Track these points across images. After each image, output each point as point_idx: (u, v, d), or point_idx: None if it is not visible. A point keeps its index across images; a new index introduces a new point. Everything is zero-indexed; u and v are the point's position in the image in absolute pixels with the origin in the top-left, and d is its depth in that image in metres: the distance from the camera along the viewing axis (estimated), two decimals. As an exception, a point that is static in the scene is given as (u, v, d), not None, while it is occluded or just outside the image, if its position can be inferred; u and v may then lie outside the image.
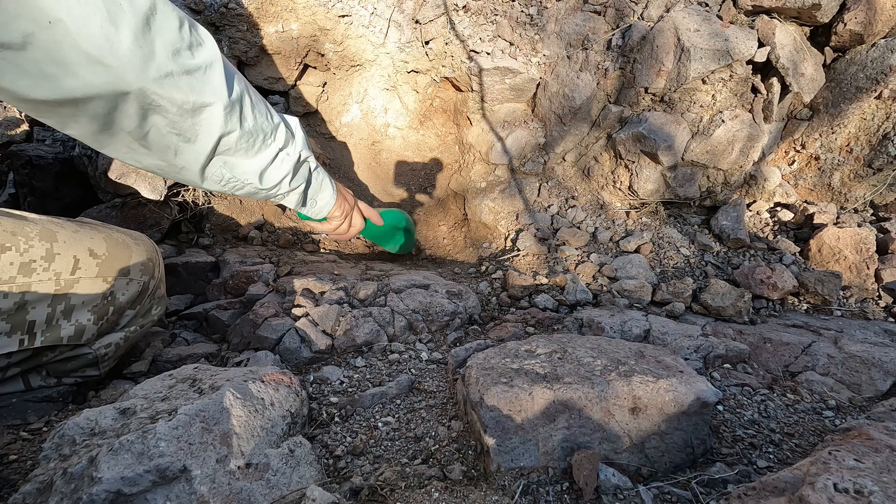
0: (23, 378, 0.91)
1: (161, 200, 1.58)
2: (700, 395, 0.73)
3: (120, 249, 0.97)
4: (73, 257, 0.88)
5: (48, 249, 0.85)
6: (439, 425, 0.84)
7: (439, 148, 2.14)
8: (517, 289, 1.42)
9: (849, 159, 1.80)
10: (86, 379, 0.97)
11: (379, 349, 1.13)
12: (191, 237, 1.71)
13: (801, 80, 1.67)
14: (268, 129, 0.80)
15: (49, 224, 0.89)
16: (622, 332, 1.16)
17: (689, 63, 1.58)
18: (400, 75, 2.04)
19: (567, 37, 1.79)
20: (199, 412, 0.67)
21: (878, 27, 1.64)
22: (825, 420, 0.88)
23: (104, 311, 0.94)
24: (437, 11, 1.83)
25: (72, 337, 0.89)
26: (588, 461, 0.67)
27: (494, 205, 1.87)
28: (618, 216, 1.77)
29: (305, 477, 0.68)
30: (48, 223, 0.89)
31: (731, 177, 1.76)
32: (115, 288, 0.95)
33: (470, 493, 0.66)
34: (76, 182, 1.72)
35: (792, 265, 1.52)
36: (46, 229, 0.87)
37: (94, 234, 0.94)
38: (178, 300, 1.42)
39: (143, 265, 1.01)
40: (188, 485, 0.60)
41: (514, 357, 0.84)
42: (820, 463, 0.57)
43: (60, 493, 0.58)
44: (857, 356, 1.04)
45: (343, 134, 2.15)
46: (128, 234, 1.03)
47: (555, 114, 1.84)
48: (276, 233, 1.82)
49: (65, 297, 0.87)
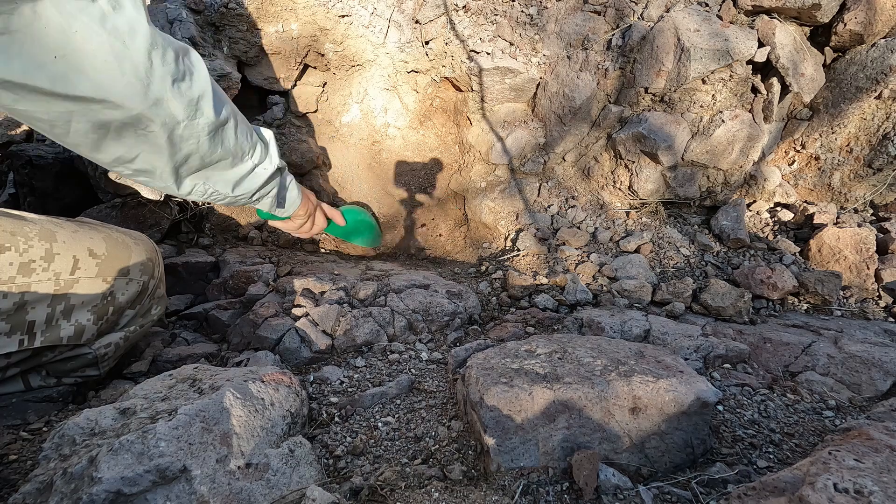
0: (22, 378, 0.91)
1: (161, 200, 1.58)
2: (700, 395, 0.74)
3: (119, 249, 0.97)
4: (73, 257, 0.89)
5: (48, 249, 0.85)
6: (439, 425, 0.84)
7: (439, 148, 2.14)
8: (517, 289, 1.42)
9: (849, 159, 1.80)
10: (86, 379, 0.97)
11: (379, 349, 1.13)
12: (191, 237, 1.71)
13: (801, 80, 1.67)
14: (247, 147, 0.86)
15: (48, 224, 0.89)
16: (622, 332, 1.16)
17: (689, 63, 1.58)
18: (400, 75, 2.04)
19: (567, 37, 1.79)
20: (199, 412, 0.67)
21: (878, 27, 1.64)
22: (825, 420, 0.88)
23: (104, 311, 0.94)
24: (437, 11, 1.83)
25: (71, 337, 0.89)
26: (588, 461, 0.67)
27: (494, 205, 1.87)
28: (618, 216, 1.77)
29: (305, 477, 0.68)
30: (47, 223, 0.89)
31: (731, 177, 1.76)
32: (114, 288, 0.95)
33: (470, 493, 0.66)
34: (76, 182, 1.72)
35: (792, 265, 1.52)
36: (46, 229, 0.87)
37: (94, 234, 0.94)
38: (178, 300, 1.42)
39: (142, 265, 1.01)
40: (188, 485, 0.60)
41: (514, 357, 0.84)
42: (820, 463, 0.57)
43: (60, 493, 0.58)
44: (857, 356, 1.04)
45: (343, 134, 2.15)
46: (127, 233, 1.03)
47: (555, 114, 1.84)
48: (275, 233, 1.82)
49: (64, 297, 0.87)
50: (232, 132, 0.81)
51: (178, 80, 0.69)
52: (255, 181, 0.91)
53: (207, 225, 1.74)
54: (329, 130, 2.14)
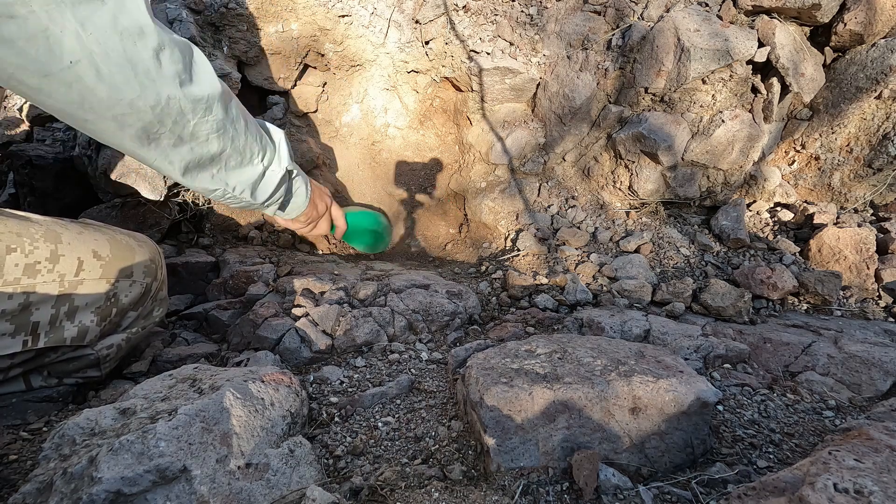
0: (24, 378, 0.91)
1: (161, 200, 1.58)
2: (700, 395, 0.74)
3: (123, 251, 0.97)
4: (78, 259, 0.89)
5: (53, 251, 0.85)
6: (439, 425, 0.84)
7: (439, 148, 2.14)
8: (517, 289, 1.42)
9: (849, 159, 1.80)
10: (87, 380, 0.97)
11: (379, 349, 1.13)
12: (191, 237, 1.70)
13: (801, 80, 1.67)
14: (256, 148, 0.86)
15: (54, 225, 0.89)
16: (622, 332, 1.16)
17: (689, 63, 1.58)
18: (400, 75, 2.04)
19: (567, 37, 1.79)
20: (199, 412, 0.67)
21: (878, 27, 1.64)
22: (825, 420, 0.88)
23: (107, 313, 0.94)
24: (437, 11, 1.83)
25: (75, 338, 0.89)
26: (588, 461, 0.67)
27: (494, 205, 1.87)
28: (618, 216, 1.77)
29: (305, 477, 0.68)
30: (53, 224, 0.89)
31: (731, 177, 1.76)
32: (118, 289, 0.95)
33: (470, 493, 0.66)
34: (76, 182, 1.72)
35: (792, 265, 1.52)
36: (51, 231, 0.87)
37: (98, 236, 0.94)
38: (178, 300, 1.42)
39: (145, 267, 1.01)
40: (188, 485, 0.60)
41: (514, 357, 0.84)
42: (820, 463, 0.57)
43: (60, 493, 0.58)
44: (857, 356, 1.04)
45: (343, 134, 2.15)
46: (131, 235, 1.03)
47: (555, 114, 1.84)
48: (276, 233, 1.82)
49: (68, 299, 0.87)
50: (242, 130, 0.81)
51: (186, 80, 0.69)
52: (268, 185, 0.91)
53: (207, 225, 1.74)
54: (329, 130, 2.14)
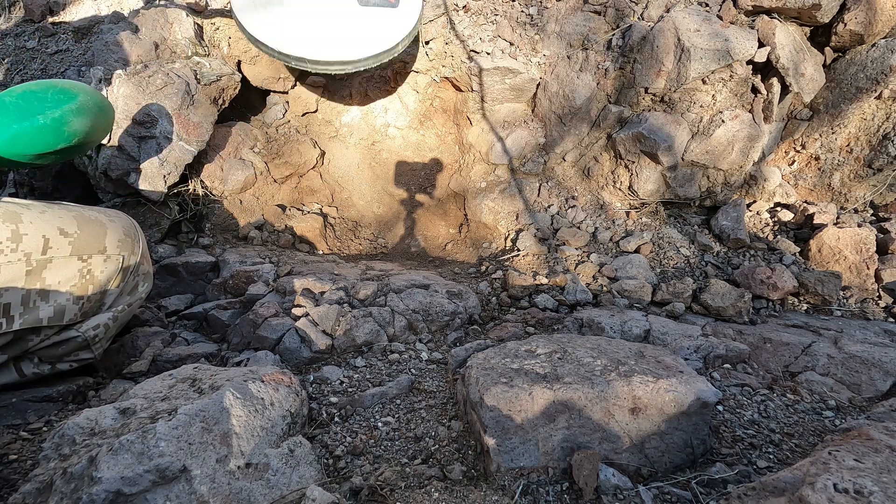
0: (15, 367, 0.90)
1: (161, 201, 1.58)
2: (700, 395, 0.73)
3: (93, 226, 0.95)
4: (43, 237, 0.87)
5: (14, 231, 0.84)
6: (439, 425, 0.84)
7: (439, 148, 2.14)
8: (517, 289, 1.42)
9: (849, 159, 1.80)
10: (80, 363, 0.96)
11: (379, 349, 1.13)
12: (191, 237, 1.70)
13: (801, 80, 1.67)
14: None
15: (12, 206, 0.87)
16: (622, 332, 1.16)
17: (690, 63, 1.58)
18: (400, 75, 2.04)
19: (567, 37, 1.79)
20: (199, 412, 0.67)
21: (878, 27, 1.64)
22: (825, 420, 0.88)
23: (83, 290, 0.92)
24: (437, 11, 1.83)
25: (52, 318, 0.88)
26: (588, 461, 0.67)
27: (494, 205, 1.87)
28: (618, 216, 1.77)
29: (305, 477, 0.68)
30: (12, 205, 0.88)
31: (731, 177, 1.76)
32: (91, 265, 0.93)
33: (470, 493, 0.66)
34: (76, 182, 1.72)
35: (792, 265, 1.52)
36: (10, 211, 0.86)
37: (64, 214, 0.92)
38: (178, 300, 1.42)
39: (119, 241, 0.99)
40: (188, 484, 0.60)
41: (514, 357, 0.84)
42: (820, 463, 0.57)
43: (60, 493, 0.58)
44: (857, 356, 1.04)
45: (343, 134, 2.15)
46: (101, 211, 1.01)
47: (555, 114, 1.84)
48: (276, 233, 1.82)
49: (39, 278, 0.86)
50: None
51: None
52: None
53: (207, 225, 1.74)
54: (329, 130, 2.14)
